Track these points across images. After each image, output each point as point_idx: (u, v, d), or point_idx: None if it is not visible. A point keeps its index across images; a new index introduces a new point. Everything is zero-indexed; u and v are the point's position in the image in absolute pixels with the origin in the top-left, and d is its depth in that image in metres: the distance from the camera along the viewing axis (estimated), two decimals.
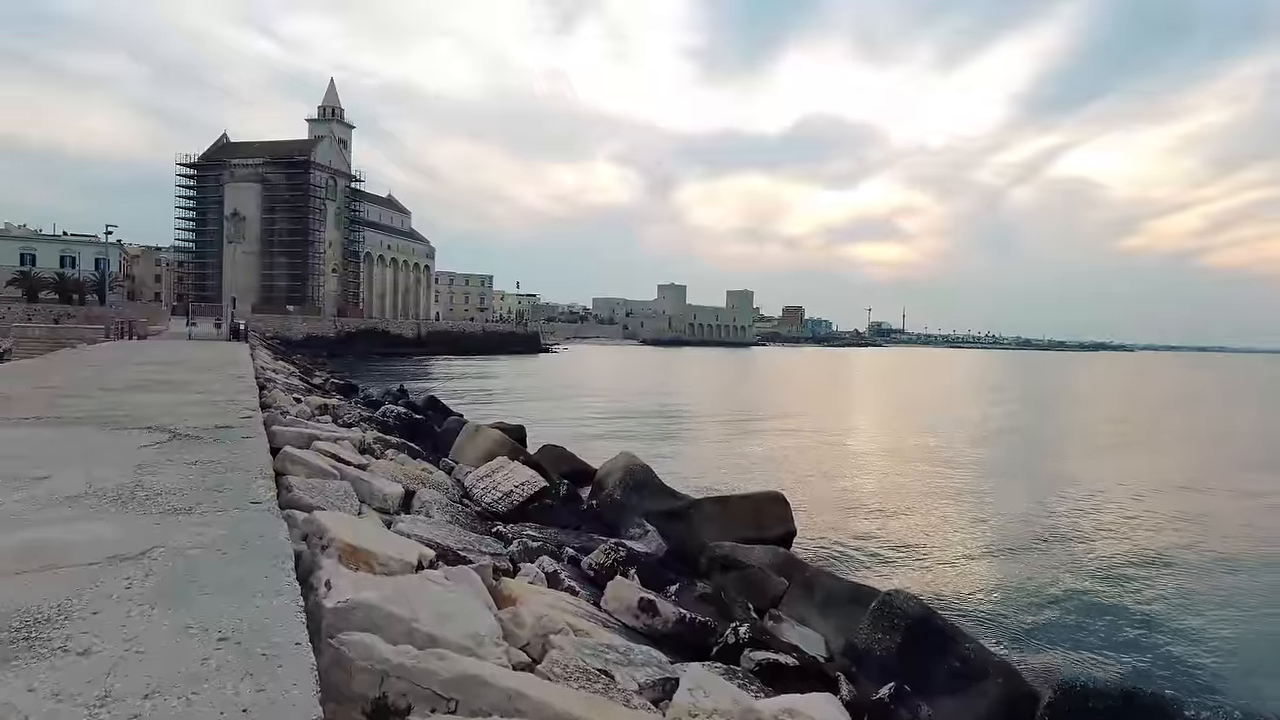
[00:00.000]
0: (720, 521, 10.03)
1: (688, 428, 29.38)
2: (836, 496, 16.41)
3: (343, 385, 27.28)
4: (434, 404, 21.52)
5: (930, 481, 19.17)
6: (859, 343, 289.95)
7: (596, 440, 24.24)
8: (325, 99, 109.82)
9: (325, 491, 6.63)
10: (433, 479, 9.15)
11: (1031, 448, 27.11)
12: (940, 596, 9.19)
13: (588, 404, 37.89)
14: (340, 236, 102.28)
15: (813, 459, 22.42)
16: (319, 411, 13.04)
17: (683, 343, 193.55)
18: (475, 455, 11.22)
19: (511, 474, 9.53)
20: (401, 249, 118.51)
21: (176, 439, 6.81)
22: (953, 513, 15.47)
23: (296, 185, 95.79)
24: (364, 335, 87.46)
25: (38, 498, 4.39)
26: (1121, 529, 14.45)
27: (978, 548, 12.42)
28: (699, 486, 15.08)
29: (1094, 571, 11.49)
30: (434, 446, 14.85)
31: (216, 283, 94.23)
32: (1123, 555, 12.50)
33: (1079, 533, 14.04)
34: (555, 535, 8.34)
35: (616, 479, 11.33)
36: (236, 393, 11.42)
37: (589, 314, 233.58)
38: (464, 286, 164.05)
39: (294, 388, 17.36)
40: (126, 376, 13.69)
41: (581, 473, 15.01)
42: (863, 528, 13.22)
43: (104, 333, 29.01)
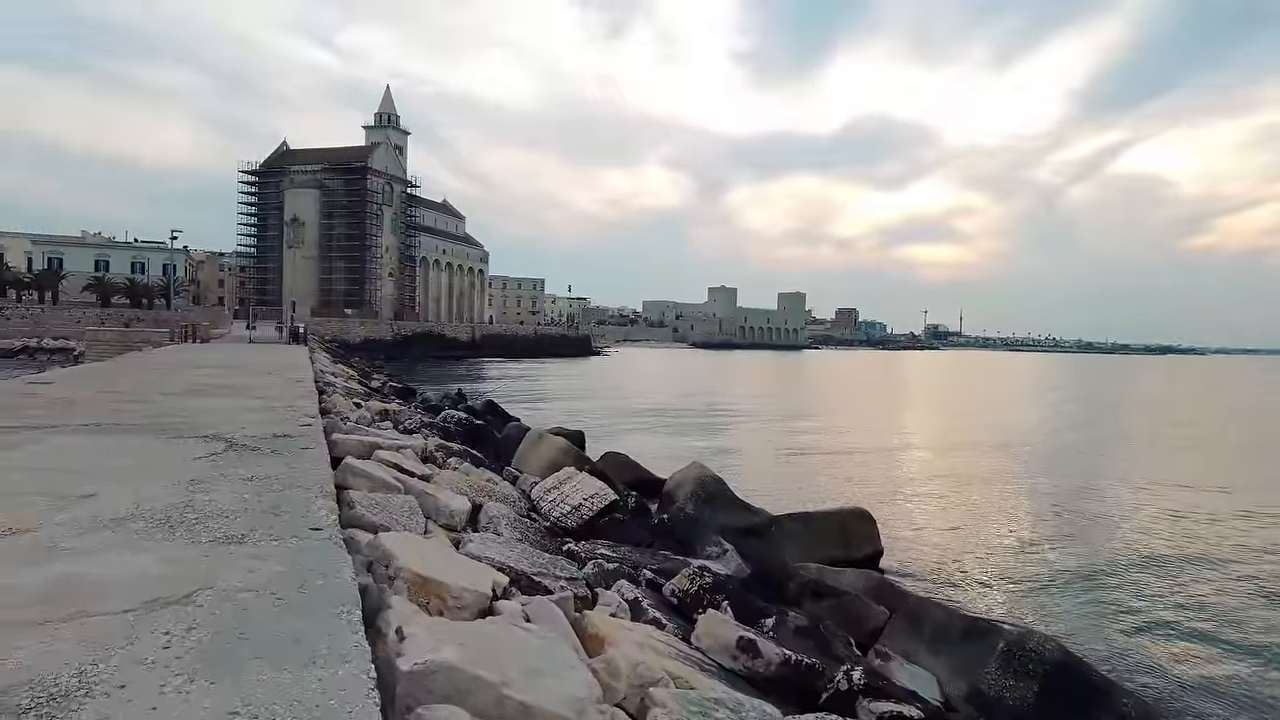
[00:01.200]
0: (803, 540, 9.32)
1: (743, 433, 28.58)
2: (913, 510, 15.47)
3: (401, 389, 27.16)
4: (492, 408, 21.14)
5: (1009, 492, 18.07)
6: (915, 345, 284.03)
7: (653, 446, 23.63)
8: (381, 106, 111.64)
9: (389, 507, 6.15)
10: (498, 490, 8.63)
11: (1111, 456, 25.63)
12: (1068, 633, 8.28)
13: (640, 408, 37.32)
14: (396, 241, 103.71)
15: (879, 468, 21.44)
16: (379, 417, 12.69)
17: (733, 346, 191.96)
18: (539, 464, 10.70)
19: (580, 486, 8.97)
20: (456, 253, 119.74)
21: (233, 449, 6.39)
22: (1044, 529, 14.39)
23: (354, 191, 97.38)
24: (419, 338, 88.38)
25: (80, 520, 3.93)
26: (1245, 553, 13.25)
27: (1082, 570, 11.41)
28: (764, 498, 14.31)
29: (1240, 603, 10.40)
30: (495, 453, 14.41)
31: (277, 287, 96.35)
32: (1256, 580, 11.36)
33: (1206, 553, 12.88)
34: (629, 554, 7.74)
35: (687, 491, 10.69)
36: (295, 398, 11.11)
37: (639, 317, 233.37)
38: (516, 290, 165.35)
39: (353, 392, 17.13)
40: (187, 380, 13.55)
41: (646, 482, 14.40)
42: (950, 545, 12.31)
43: (169, 336, 29.48)
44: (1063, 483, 19.59)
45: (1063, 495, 17.82)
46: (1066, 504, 16.84)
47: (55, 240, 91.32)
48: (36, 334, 67.04)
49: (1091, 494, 18.24)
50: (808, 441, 26.55)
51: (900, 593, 8.01)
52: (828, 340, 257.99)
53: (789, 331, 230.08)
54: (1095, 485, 19.53)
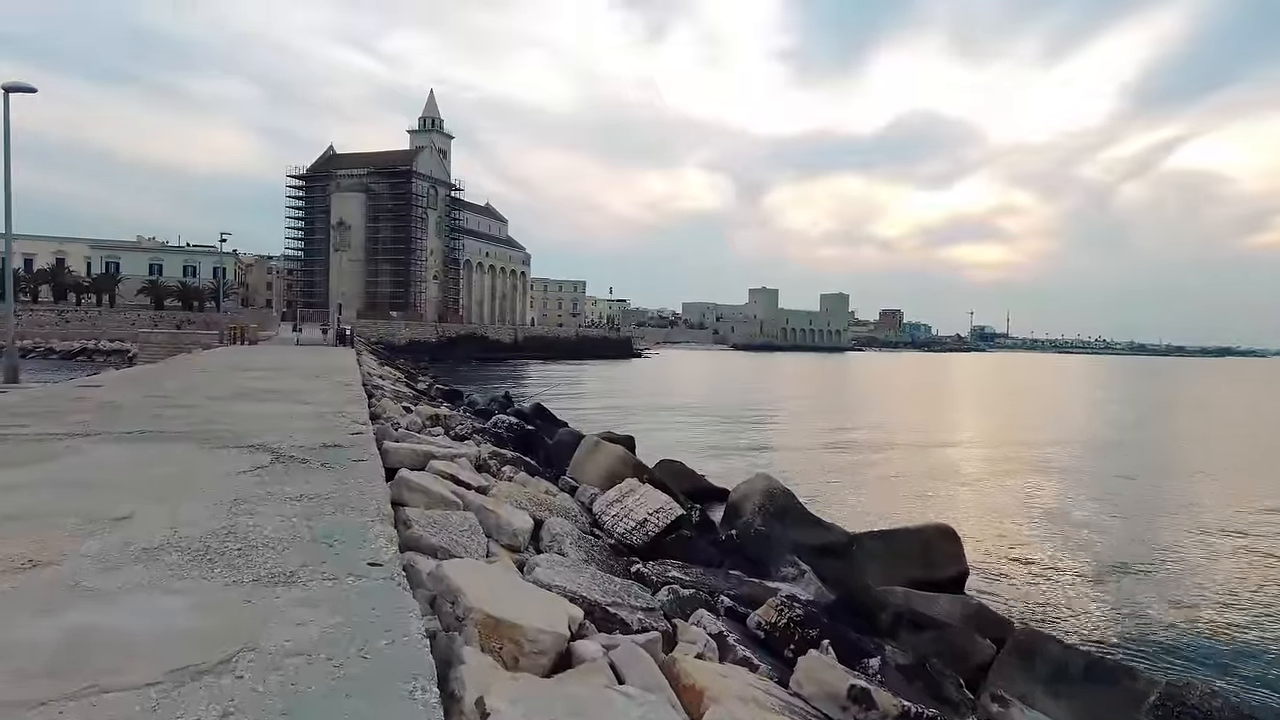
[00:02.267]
0: (885, 560, 8.60)
1: (792, 438, 27.74)
2: (986, 523, 14.53)
3: (447, 391, 26.90)
4: (542, 412, 20.66)
5: (1085, 501, 17.03)
6: (961, 348, 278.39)
7: (702, 451, 22.97)
8: (425, 110, 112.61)
9: (448, 526, 5.64)
10: (558, 504, 8.07)
11: (1188, 464, 24.26)
12: (1211, 681, 7.42)
13: (685, 410, 36.65)
14: (441, 244, 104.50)
15: (940, 476, 20.48)
16: (430, 422, 12.25)
17: (774, 348, 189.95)
18: (597, 474, 10.14)
19: (644, 499, 8.37)
20: (499, 256, 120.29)
21: (280, 462, 5.91)
22: (1134, 546, 13.40)
23: (399, 194, 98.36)
24: (463, 340, 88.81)
25: (109, 551, 3.44)
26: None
27: (1186, 599, 10.47)
28: (824, 508, 13.54)
29: None
30: (546, 460, 13.91)
31: (323, 289, 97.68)
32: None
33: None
34: (702, 577, 7.11)
35: (755, 504, 10.03)
36: (345, 403, 10.70)
37: (678, 319, 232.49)
38: (557, 292, 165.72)
39: (401, 395, 16.78)
40: (234, 384, 13.27)
41: (704, 492, 13.78)
42: (1033, 563, 11.42)
43: (217, 338, 29.64)
44: (1145, 496, 18.46)
45: (1147, 510, 16.74)
46: (1153, 520, 15.77)
47: (112, 245, 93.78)
48: (94, 336, 68.80)
49: (1181, 510, 17.10)
50: (859, 447, 25.64)
51: (1002, 621, 7.27)
52: (871, 342, 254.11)
53: (832, 333, 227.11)
54: (1183, 499, 18.35)
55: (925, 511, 15.15)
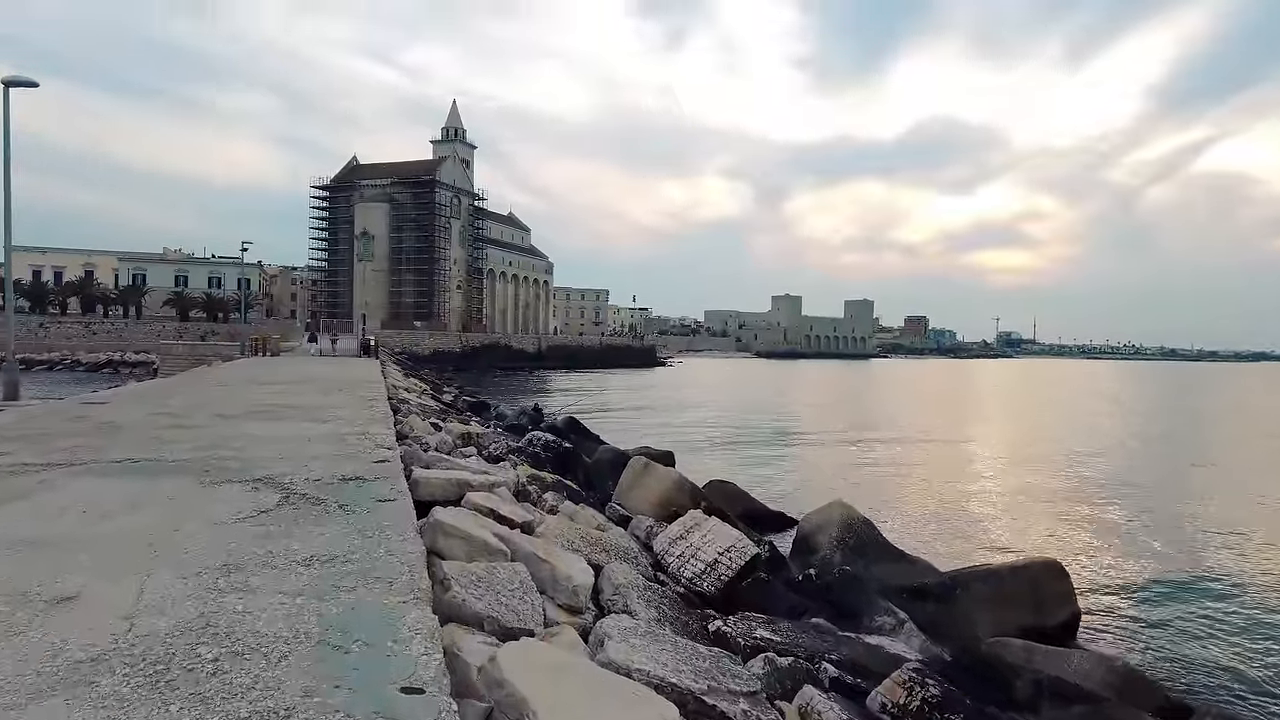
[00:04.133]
0: (991, 605, 7.39)
1: (834, 452, 26.40)
2: (1080, 553, 13.14)
3: (474, 403, 25.93)
4: (575, 427, 19.52)
5: (1170, 521, 15.63)
6: (987, 354, 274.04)
7: (746, 465, 21.77)
8: (448, 120, 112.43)
9: (494, 584, 4.56)
10: (612, 541, 6.94)
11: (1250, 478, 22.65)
12: None
13: (717, 422, 35.40)
14: (464, 253, 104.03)
15: (1006, 494, 19.12)
16: (461, 441, 11.19)
17: (797, 355, 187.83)
18: (650, 501, 9.01)
19: (712, 536, 7.23)
20: (522, 265, 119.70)
21: (289, 503, 4.84)
22: (1235, 566, 12.03)
23: (422, 204, 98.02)
24: (487, 350, 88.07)
25: (25, 668, 2.36)
26: None
27: None
28: (897, 538, 12.27)
29: None
30: (585, 481, 12.81)
31: (347, 300, 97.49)
32: None
33: None
34: (792, 634, 5.94)
35: (832, 537, 8.84)
36: (369, 421, 9.66)
37: (701, 327, 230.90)
38: (580, 301, 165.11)
39: (428, 410, 15.77)
40: (250, 399, 12.31)
41: (758, 517, 12.59)
42: (1146, 599, 10.10)
43: (239, 349, 28.90)
44: (1226, 513, 17.01)
45: (1239, 529, 15.31)
46: (1247, 543, 14.36)
47: (139, 257, 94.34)
48: (120, 348, 68.79)
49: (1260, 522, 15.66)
50: (904, 462, 24.30)
51: (1153, 688, 6.03)
52: (896, 349, 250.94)
53: (856, 340, 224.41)
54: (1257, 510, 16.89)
55: (997, 535, 13.87)
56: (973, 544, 13.15)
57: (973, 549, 12.71)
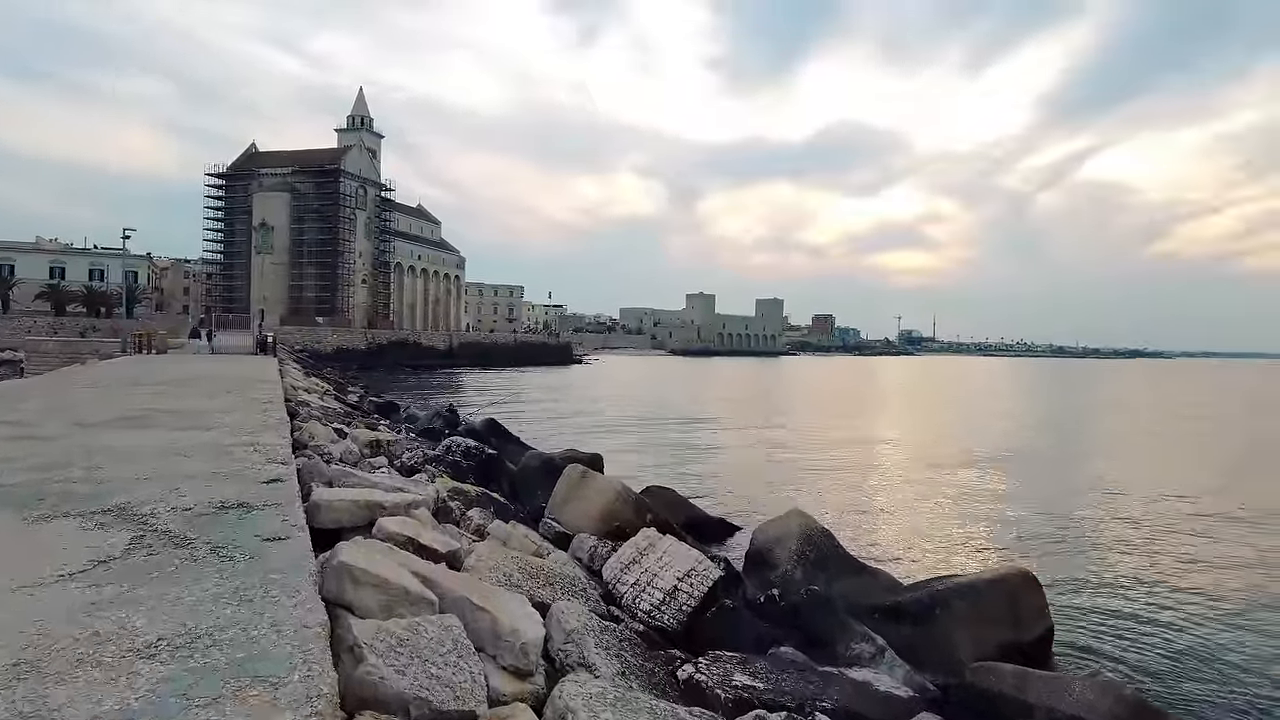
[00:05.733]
0: (972, 623, 6.76)
1: (764, 452, 25.99)
2: (1035, 555, 12.83)
3: (382, 404, 24.29)
4: (496, 429, 18.26)
5: (1091, 519, 15.68)
6: (890, 351, 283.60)
7: (677, 467, 21.02)
8: (354, 108, 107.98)
9: (420, 649, 3.53)
10: (556, 570, 5.94)
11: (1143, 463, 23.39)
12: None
13: (640, 420, 34.60)
14: (370, 246, 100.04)
15: (944, 496, 18.96)
16: (370, 450, 9.93)
17: (711, 353, 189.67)
18: (590, 516, 8.02)
19: (669, 559, 6.33)
20: (432, 259, 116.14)
21: (142, 545, 3.67)
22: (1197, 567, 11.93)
23: (326, 194, 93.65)
24: (394, 347, 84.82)
25: None
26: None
27: None
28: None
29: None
30: (511, 491, 11.74)
31: (244, 294, 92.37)
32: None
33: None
34: (771, 675, 5.10)
35: (791, 551, 8.06)
36: (260, 429, 8.34)
37: (616, 324, 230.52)
38: (493, 297, 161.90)
39: (331, 413, 14.30)
40: (121, 403, 10.69)
41: (700, 525, 11.76)
42: (1121, 609, 9.70)
43: (120, 347, 26.31)
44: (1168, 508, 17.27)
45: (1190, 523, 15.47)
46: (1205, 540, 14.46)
47: (6, 246, 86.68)
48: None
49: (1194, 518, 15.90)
50: (831, 460, 24.07)
51: (1157, 713, 5.48)
52: (805, 346, 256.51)
53: (767, 338, 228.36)
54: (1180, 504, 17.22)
55: (938, 536, 13.49)
56: (919, 548, 12.70)
57: (921, 554, 12.26)
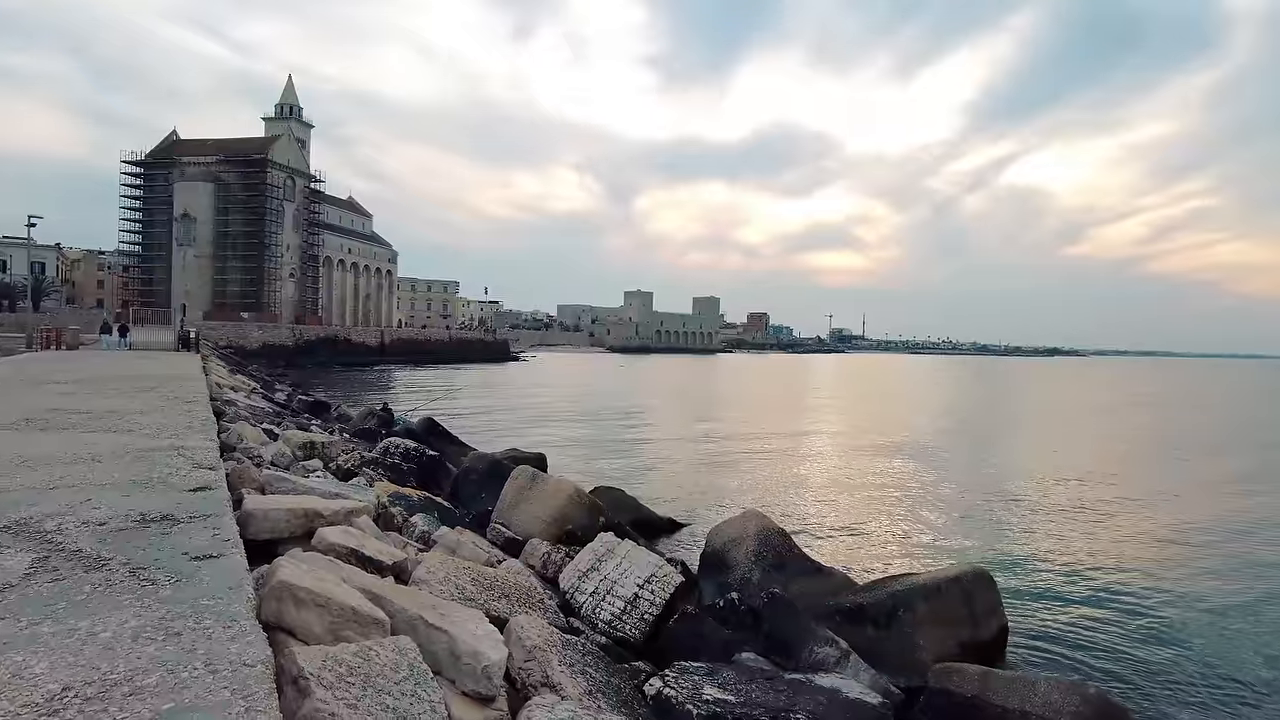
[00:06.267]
0: (933, 623, 6.68)
1: (706, 448, 25.94)
2: (975, 546, 12.97)
3: (312, 403, 23.35)
4: (435, 430, 17.60)
5: (1024, 509, 16.03)
6: (822, 349, 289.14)
7: (622, 464, 20.77)
8: (283, 96, 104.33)
9: (372, 678, 3.22)
10: (510, 580, 5.60)
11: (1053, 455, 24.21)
12: None
13: (581, 418, 34.25)
14: (298, 239, 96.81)
15: (884, 485, 19.18)
16: (303, 453, 9.37)
17: (649, 350, 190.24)
18: (541, 520, 7.68)
19: (628, 565, 6.06)
20: (363, 253, 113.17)
21: (47, 568, 3.22)
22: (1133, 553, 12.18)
23: (252, 185, 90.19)
24: (324, 344, 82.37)
25: None
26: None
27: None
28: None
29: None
30: (453, 494, 11.30)
31: (165, 288, 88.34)
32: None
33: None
34: (740, 685, 4.88)
35: (749, 552, 7.88)
36: (184, 430, 7.76)
37: (553, 321, 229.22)
38: (427, 293, 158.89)
39: (260, 413, 13.56)
40: (25, 403, 9.87)
41: (648, 525, 11.53)
42: (1073, 605, 9.81)
43: (26, 342, 24.66)
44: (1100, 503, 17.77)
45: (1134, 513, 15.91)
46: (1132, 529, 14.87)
47: None
48: None
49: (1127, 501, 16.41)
50: (772, 456, 24.17)
51: (1123, 712, 5.47)
52: (740, 344, 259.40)
53: (704, 336, 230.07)
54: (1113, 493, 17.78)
55: (881, 531, 13.56)
56: (863, 543, 12.73)
57: (867, 549, 12.29)
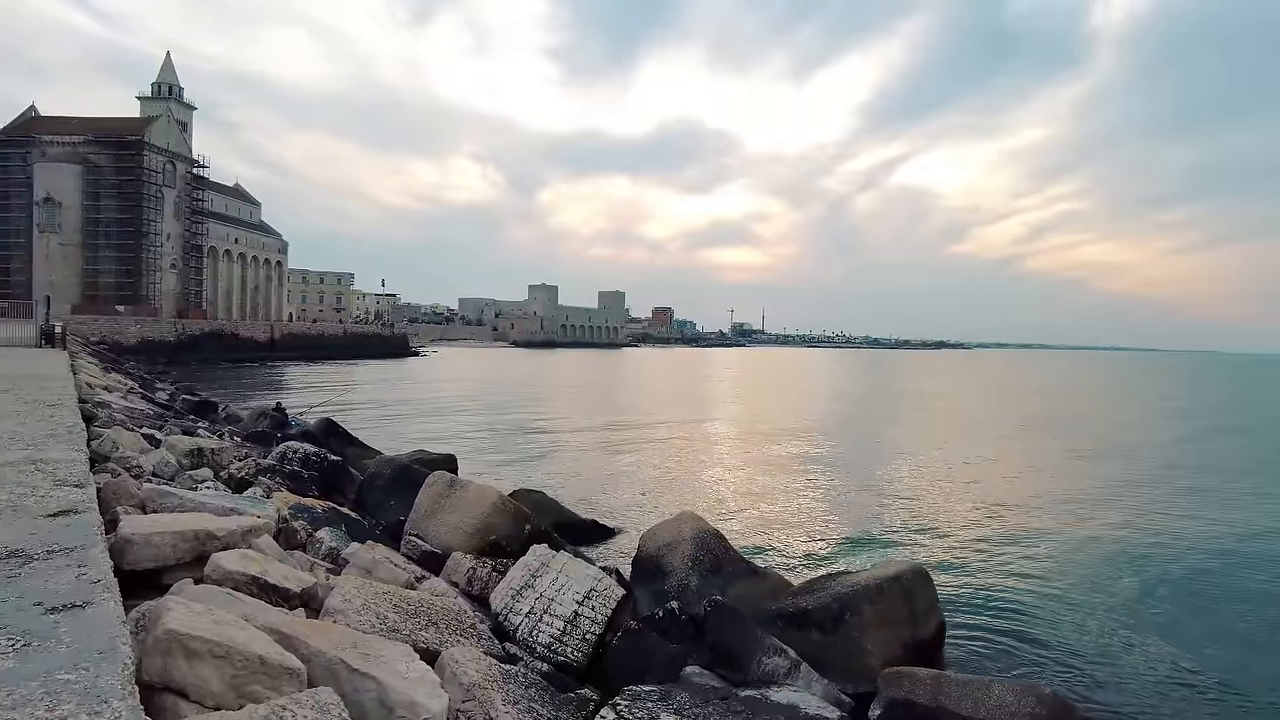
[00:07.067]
0: (877, 625, 6.47)
1: (617, 445, 25.57)
2: (886, 533, 13.03)
3: (197, 402, 21.65)
4: (334, 431, 16.45)
5: (937, 497, 16.39)
6: (724, 343, 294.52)
7: (532, 465, 20.14)
8: (160, 75, 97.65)
9: None
10: (437, 604, 5.02)
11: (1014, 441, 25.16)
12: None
13: (487, 416, 33.28)
14: (180, 228, 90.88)
15: (791, 472, 19.25)
16: (190, 461, 8.40)
17: (554, 344, 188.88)
18: (463, 531, 7.06)
19: (565, 580, 5.57)
20: (251, 243, 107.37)
21: None
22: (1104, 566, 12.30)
23: (127, 168, 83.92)
24: (209, 339, 77.70)
25: None
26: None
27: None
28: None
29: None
30: (358, 502, 10.49)
31: (25, 279, 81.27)
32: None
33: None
34: (695, 708, 4.49)
35: (686, 557, 7.49)
36: (44, 438, 6.77)
37: (454, 315, 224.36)
38: (319, 285, 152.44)
39: (139, 415, 12.27)
40: None
41: (571, 528, 11.02)
42: (976, 590, 9.91)
43: None
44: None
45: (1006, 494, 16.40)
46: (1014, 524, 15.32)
47: None
48: None
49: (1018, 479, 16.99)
50: (685, 450, 24.05)
51: (1078, 713, 5.38)
52: (646, 338, 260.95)
53: (609, 330, 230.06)
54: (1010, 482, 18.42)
55: (805, 524, 13.51)
56: (788, 537, 12.62)
57: (790, 542, 12.18)
